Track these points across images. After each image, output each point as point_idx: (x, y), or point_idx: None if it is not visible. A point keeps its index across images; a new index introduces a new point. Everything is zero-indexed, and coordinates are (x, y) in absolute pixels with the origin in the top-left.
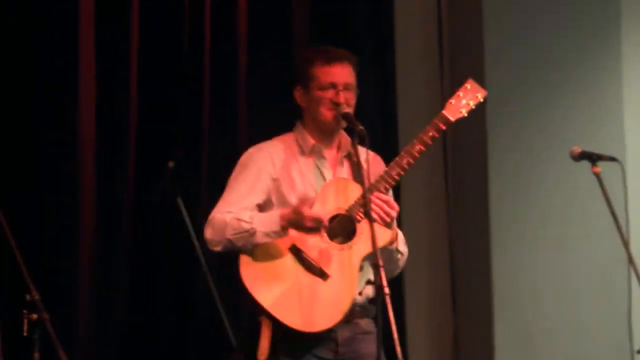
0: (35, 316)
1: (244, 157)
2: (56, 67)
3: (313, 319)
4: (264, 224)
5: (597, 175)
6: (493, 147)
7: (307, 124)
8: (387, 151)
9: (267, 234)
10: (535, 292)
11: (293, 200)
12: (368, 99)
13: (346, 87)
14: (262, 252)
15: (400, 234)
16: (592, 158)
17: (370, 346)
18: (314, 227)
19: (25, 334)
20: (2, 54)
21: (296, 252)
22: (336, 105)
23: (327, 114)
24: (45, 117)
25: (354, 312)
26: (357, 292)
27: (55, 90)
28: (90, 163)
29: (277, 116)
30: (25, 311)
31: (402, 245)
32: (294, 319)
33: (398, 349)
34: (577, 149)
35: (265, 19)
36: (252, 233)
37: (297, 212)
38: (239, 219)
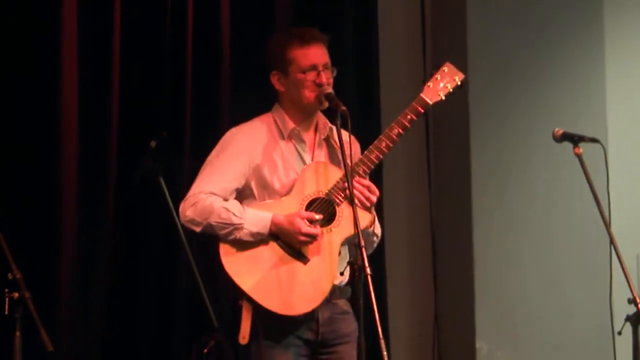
0: (16, 295)
1: (227, 137)
2: (38, 48)
3: (293, 302)
4: (253, 223)
5: (578, 156)
6: (475, 129)
7: (287, 107)
8: (369, 133)
9: (252, 234)
10: (517, 274)
11: (276, 184)
12: (350, 81)
13: (325, 67)
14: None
15: (375, 216)
16: (574, 139)
17: (348, 326)
18: (306, 242)
19: (6, 313)
20: None
21: (276, 236)
22: (319, 86)
23: (310, 95)
24: (27, 99)
25: (334, 293)
26: (337, 274)
27: (37, 71)
28: (73, 142)
29: (259, 96)
30: (6, 290)
31: (377, 228)
32: (274, 303)
33: (379, 329)
34: (559, 131)
35: (248, 4)
36: (238, 228)
37: (293, 224)
38: (228, 210)
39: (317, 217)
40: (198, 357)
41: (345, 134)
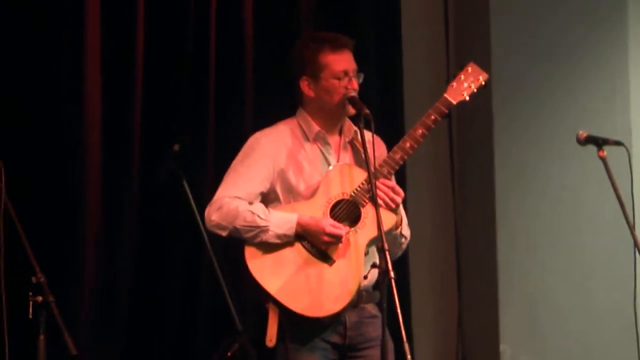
0: (40, 298)
1: (252, 141)
2: (62, 53)
3: (319, 304)
4: (279, 225)
5: (602, 159)
6: (500, 131)
7: (312, 112)
8: (392, 135)
9: (278, 236)
10: (541, 277)
11: (301, 186)
12: (373, 83)
13: (354, 73)
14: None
15: (404, 218)
16: (598, 142)
17: (377, 330)
18: (330, 243)
19: (30, 317)
20: (13, 36)
21: (302, 237)
22: (353, 91)
23: (341, 101)
24: (52, 101)
25: (361, 297)
26: (363, 276)
27: (61, 74)
28: (97, 145)
29: (282, 99)
30: (30, 293)
31: (406, 229)
32: (300, 305)
33: (403, 332)
34: (583, 134)
35: (272, 5)
36: (264, 230)
37: (318, 225)
38: (253, 212)
39: None
40: None
41: (369, 135)
